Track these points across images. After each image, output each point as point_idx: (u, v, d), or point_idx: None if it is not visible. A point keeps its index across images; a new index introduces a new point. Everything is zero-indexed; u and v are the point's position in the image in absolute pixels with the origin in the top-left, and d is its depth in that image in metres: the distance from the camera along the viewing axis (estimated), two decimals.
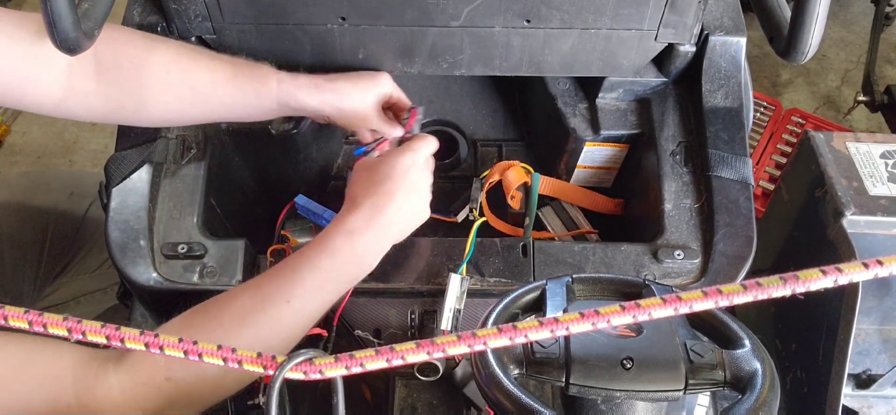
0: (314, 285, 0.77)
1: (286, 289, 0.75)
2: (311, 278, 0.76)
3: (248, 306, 0.74)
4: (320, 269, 0.77)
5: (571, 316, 0.39)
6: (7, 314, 0.38)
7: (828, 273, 0.36)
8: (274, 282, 0.76)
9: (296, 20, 0.97)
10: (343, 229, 0.80)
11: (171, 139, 1.01)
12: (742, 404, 0.57)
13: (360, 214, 0.81)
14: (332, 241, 0.79)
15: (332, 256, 0.78)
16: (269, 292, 0.75)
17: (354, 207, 0.81)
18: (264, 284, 0.76)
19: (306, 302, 0.76)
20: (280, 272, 0.77)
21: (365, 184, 0.84)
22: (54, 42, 0.68)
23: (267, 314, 0.74)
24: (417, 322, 0.93)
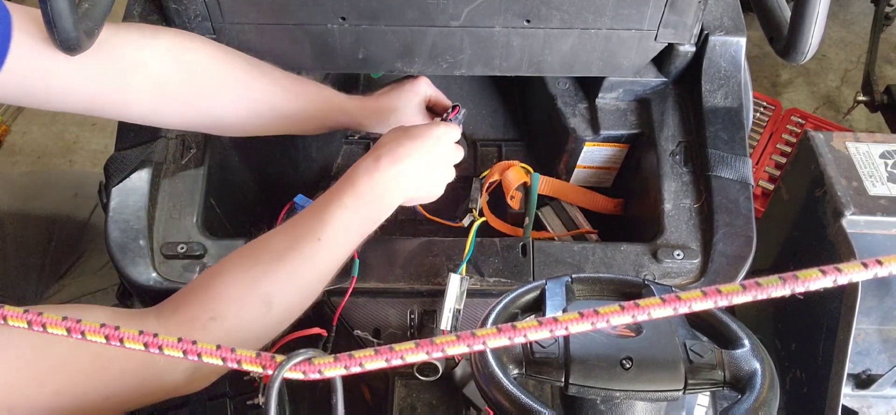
0: (341, 223, 0.82)
1: (317, 227, 0.80)
2: (339, 215, 0.81)
3: (282, 246, 0.79)
4: (345, 206, 0.82)
5: (571, 316, 0.39)
6: (6, 314, 0.38)
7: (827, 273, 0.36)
8: (304, 222, 0.82)
9: (296, 20, 0.97)
10: (364, 167, 0.86)
11: (171, 139, 1.01)
12: (741, 404, 0.57)
13: (381, 156, 0.86)
14: (354, 179, 0.85)
15: (355, 192, 0.83)
16: (300, 232, 0.80)
17: (377, 149, 0.87)
18: (296, 225, 0.82)
19: (335, 238, 0.81)
20: (310, 213, 0.83)
21: (394, 135, 0.90)
22: (54, 42, 0.69)
23: (300, 251, 0.79)
24: (417, 322, 0.93)
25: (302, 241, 0.79)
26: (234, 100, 0.94)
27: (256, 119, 0.97)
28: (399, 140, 0.89)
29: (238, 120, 0.96)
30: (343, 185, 0.85)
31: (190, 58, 0.90)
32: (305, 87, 1.00)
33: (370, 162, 0.86)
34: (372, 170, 0.85)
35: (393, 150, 0.87)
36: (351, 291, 0.91)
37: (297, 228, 0.81)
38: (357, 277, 0.91)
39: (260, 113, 0.97)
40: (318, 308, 0.93)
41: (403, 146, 0.87)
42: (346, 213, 0.82)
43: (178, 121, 0.94)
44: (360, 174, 0.85)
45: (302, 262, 0.79)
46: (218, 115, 0.95)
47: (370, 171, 0.85)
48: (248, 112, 0.96)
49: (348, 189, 0.84)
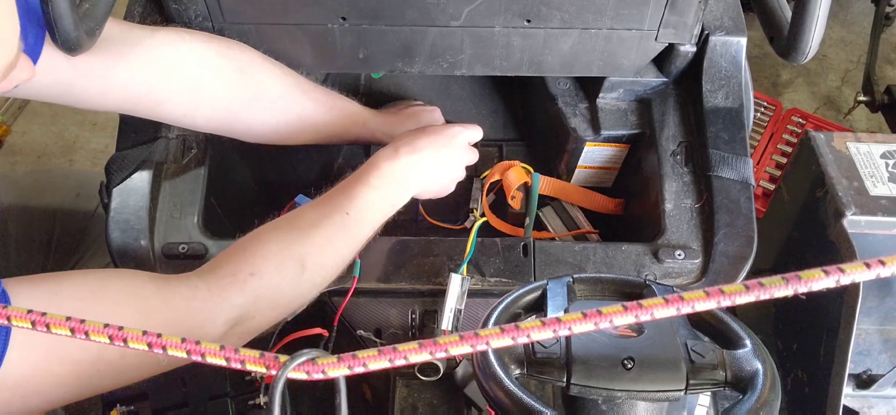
0: (367, 200, 0.88)
1: (345, 203, 0.87)
2: (365, 194, 0.88)
3: (315, 217, 0.85)
4: (371, 185, 0.89)
5: (574, 316, 0.39)
6: (10, 314, 0.38)
7: (830, 273, 0.36)
8: (334, 199, 0.88)
9: (296, 20, 0.97)
10: (385, 155, 0.93)
11: (171, 139, 1.01)
12: (743, 405, 0.57)
13: (400, 147, 0.94)
14: (378, 163, 0.92)
15: (379, 174, 0.91)
16: (331, 206, 0.87)
17: (396, 142, 0.96)
18: (325, 202, 0.88)
19: (363, 214, 0.88)
20: (338, 191, 0.90)
21: (413, 131, 0.99)
22: (55, 42, 0.69)
23: (332, 221, 0.85)
24: (418, 322, 0.93)
25: (333, 213, 0.86)
26: (268, 109, 0.97)
27: (286, 128, 1.00)
28: (417, 135, 0.97)
29: (268, 129, 0.99)
30: (367, 168, 0.92)
31: (227, 64, 0.92)
32: (333, 101, 1.04)
33: (390, 151, 0.94)
34: (393, 157, 0.93)
35: (411, 142, 0.95)
36: (352, 291, 0.91)
37: (328, 204, 0.88)
38: (358, 278, 0.91)
39: (290, 123, 0.99)
40: (320, 308, 0.93)
41: (421, 140, 0.96)
42: (371, 192, 0.89)
43: (210, 124, 0.96)
44: (382, 160, 0.92)
45: (334, 231, 0.85)
46: (250, 122, 0.97)
47: (391, 158, 0.93)
48: (279, 122, 0.98)
49: (373, 171, 0.91)
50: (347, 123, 1.06)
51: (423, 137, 0.97)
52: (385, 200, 0.91)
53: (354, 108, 1.07)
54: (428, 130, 0.99)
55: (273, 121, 0.98)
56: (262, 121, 0.98)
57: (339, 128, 1.05)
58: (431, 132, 0.98)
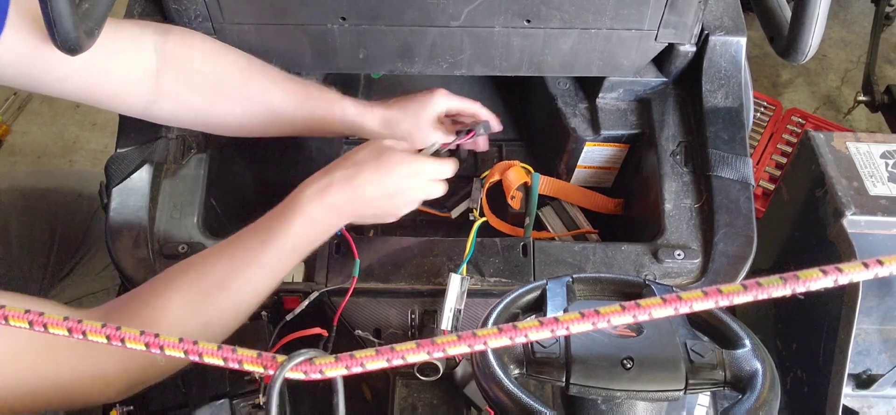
0: (284, 248, 0.81)
1: (259, 254, 0.80)
2: (283, 241, 0.81)
3: (224, 272, 0.79)
4: (290, 232, 0.81)
5: (572, 316, 0.39)
6: (7, 314, 0.38)
7: (828, 273, 0.36)
8: (248, 244, 0.81)
9: (296, 20, 0.97)
10: (313, 191, 0.83)
11: (171, 139, 1.01)
12: (742, 404, 0.57)
13: (333, 182, 0.84)
14: (301, 203, 0.83)
15: (303, 218, 0.82)
16: (243, 256, 0.80)
17: (331, 171, 0.85)
18: (239, 246, 0.81)
19: (278, 262, 0.81)
20: (254, 234, 0.82)
21: (363, 155, 0.87)
22: (55, 42, 0.69)
23: (243, 277, 0.79)
24: (417, 322, 0.93)
25: (245, 267, 0.80)
26: (230, 100, 0.94)
27: (252, 120, 0.96)
28: (362, 165, 0.85)
29: (234, 120, 0.96)
30: (290, 208, 0.83)
31: (187, 54, 0.90)
32: (306, 90, 0.98)
33: (322, 185, 0.84)
34: (322, 194, 0.83)
35: (350, 176, 0.84)
36: (352, 291, 0.91)
37: (241, 251, 0.81)
38: (357, 278, 0.91)
39: (256, 114, 0.96)
40: (319, 308, 0.93)
41: (364, 174, 0.84)
42: (291, 239, 0.81)
43: (172, 117, 0.94)
44: (307, 199, 0.83)
45: (243, 288, 0.79)
46: (213, 114, 0.94)
47: (320, 196, 0.83)
48: (244, 112, 0.95)
49: (295, 215, 0.82)
50: (323, 114, 0.99)
51: (369, 169, 0.85)
52: (307, 242, 0.84)
53: (331, 98, 1.00)
54: (382, 161, 0.86)
55: (239, 111, 0.95)
56: (227, 111, 0.94)
57: (314, 120, 0.99)
58: (384, 165, 0.85)
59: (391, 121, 1.02)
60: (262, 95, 0.95)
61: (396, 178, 0.86)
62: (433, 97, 1.04)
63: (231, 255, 0.81)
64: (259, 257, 0.80)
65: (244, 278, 0.79)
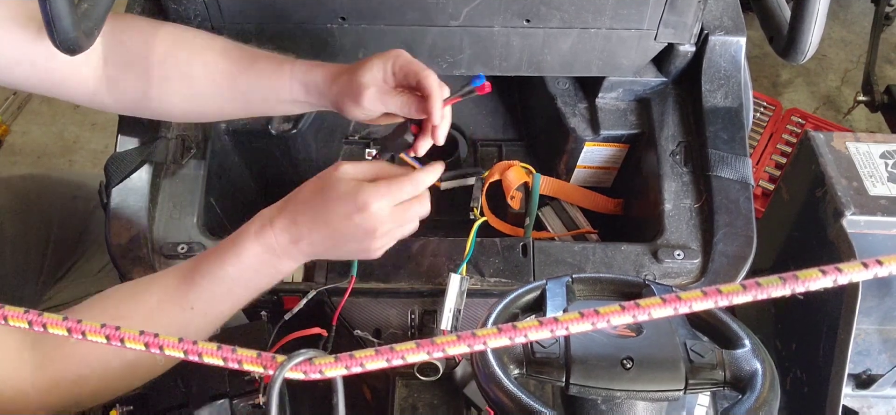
0: (218, 293, 0.74)
1: (189, 295, 0.73)
2: (216, 286, 0.74)
3: (148, 309, 0.74)
4: (226, 276, 0.73)
5: (571, 316, 0.39)
6: (7, 314, 0.38)
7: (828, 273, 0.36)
8: (179, 282, 0.74)
9: (296, 20, 0.97)
10: (254, 233, 0.74)
11: (171, 139, 1.01)
12: (742, 404, 0.57)
13: (288, 207, 0.75)
14: (243, 246, 0.74)
15: (240, 263, 0.74)
16: (172, 295, 0.74)
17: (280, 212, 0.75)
18: (170, 289, 0.74)
19: (210, 306, 0.74)
20: (187, 272, 0.75)
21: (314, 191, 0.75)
22: (54, 42, 0.68)
23: (169, 318, 0.73)
24: (417, 322, 0.93)
25: (172, 307, 0.73)
26: (173, 80, 0.87)
27: (200, 99, 0.89)
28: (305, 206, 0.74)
29: (180, 100, 0.89)
30: (229, 246, 0.74)
31: (127, 39, 0.85)
32: (253, 56, 0.88)
33: (262, 223, 0.75)
34: (261, 235, 0.74)
35: (292, 216, 0.74)
36: (350, 291, 0.91)
37: (171, 291, 0.74)
38: (357, 278, 0.91)
39: (202, 93, 0.88)
40: (319, 308, 0.93)
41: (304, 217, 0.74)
42: (226, 282, 0.74)
43: (117, 103, 0.89)
44: (248, 238, 0.74)
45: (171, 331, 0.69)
46: (156, 97, 0.88)
47: (259, 236, 0.74)
48: (191, 93, 0.88)
49: (232, 256, 0.73)
50: (271, 76, 0.87)
51: (311, 208, 0.74)
52: (248, 288, 0.75)
53: (280, 59, 0.88)
54: (325, 195, 0.73)
55: (185, 91, 0.87)
56: (172, 92, 0.87)
57: (263, 86, 0.87)
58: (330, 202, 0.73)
59: (338, 77, 0.86)
60: (204, 71, 0.87)
61: (340, 216, 0.73)
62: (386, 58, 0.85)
63: (161, 290, 0.75)
64: (189, 299, 0.73)
65: (171, 319, 0.73)
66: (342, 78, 0.85)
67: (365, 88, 0.82)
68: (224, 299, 0.75)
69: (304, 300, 0.91)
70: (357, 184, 0.73)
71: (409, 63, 0.83)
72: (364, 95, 0.82)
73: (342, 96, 0.84)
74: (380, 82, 0.83)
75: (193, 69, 0.87)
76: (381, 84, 0.83)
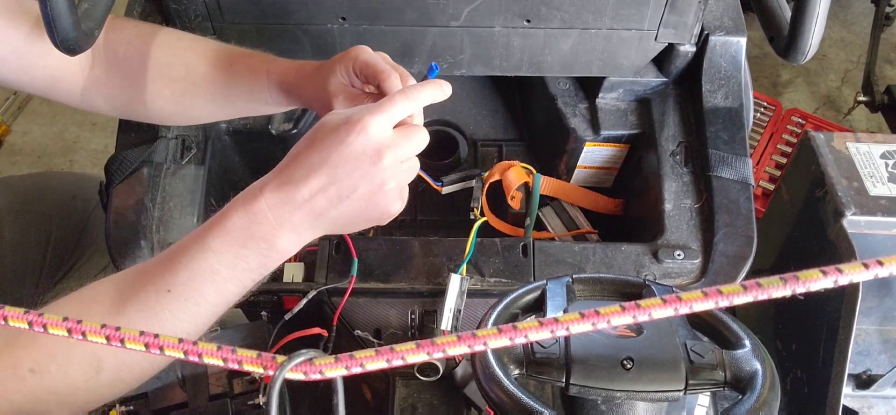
0: (200, 271, 0.63)
1: (165, 275, 0.63)
2: (197, 261, 0.63)
3: (121, 296, 0.64)
4: (207, 248, 0.62)
5: (572, 316, 0.39)
6: (7, 314, 0.38)
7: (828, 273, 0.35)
8: (157, 267, 0.64)
9: (296, 20, 0.97)
10: (241, 199, 0.64)
11: (171, 139, 1.01)
12: (742, 405, 0.57)
13: (267, 183, 0.64)
14: (229, 210, 0.64)
15: (223, 232, 0.63)
16: (147, 281, 0.64)
17: (276, 183, 0.64)
18: (146, 271, 0.65)
19: (191, 289, 0.63)
20: (164, 257, 0.65)
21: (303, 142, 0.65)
22: (54, 42, 0.68)
23: (144, 306, 0.62)
24: (417, 322, 0.93)
25: (147, 292, 0.62)
26: (155, 83, 0.85)
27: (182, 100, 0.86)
28: (296, 157, 0.64)
29: (163, 102, 0.86)
30: (212, 223, 0.64)
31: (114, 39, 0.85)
32: (231, 54, 0.85)
33: (254, 191, 0.64)
34: (250, 202, 0.63)
35: (289, 173, 0.63)
36: (350, 291, 0.91)
37: (148, 275, 0.64)
38: (357, 277, 0.91)
39: (184, 92, 0.85)
40: (319, 308, 0.93)
41: (305, 164, 0.63)
42: (208, 261, 0.62)
43: (105, 105, 0.88)
44: (232, 211, 0.63)
45: (144, 319, 0.62)
46: (140, 100, 0.86)
47: (247, 204, 0.63)
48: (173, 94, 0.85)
49: (216, 229, 0.63)
50: (250, 75, 0.83)
51: (309, 153, 0.63)
52: (234, 267, 0.63)
53: (259, 56, 0.85)
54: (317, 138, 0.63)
55: (167, 93, 0.85)
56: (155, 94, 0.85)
57: (243, 84, 0.84)
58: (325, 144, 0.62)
59: (312, 79, 0.80)
60: (186, 72, 0.84)
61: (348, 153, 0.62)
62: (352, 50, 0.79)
63: (134, 277, 0.65)
64: (165, 280, 0.63)
65: (145, 309, 0.62)
66: (315, 81, 0.80)
67: (333, 97, 0.77)
68: (205, 280, 0.63)
69: (304, 300, 0.91)
70: (349, 112, 0.64)
71: (367, 64, 0.76)
72: (334, 104, 0.77)
73: (315, 102, 0.81)
74: (346, 88, 0.78)
75: (175, 71, 0.86)
76: (348, 89, 0.78)
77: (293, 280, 0.93)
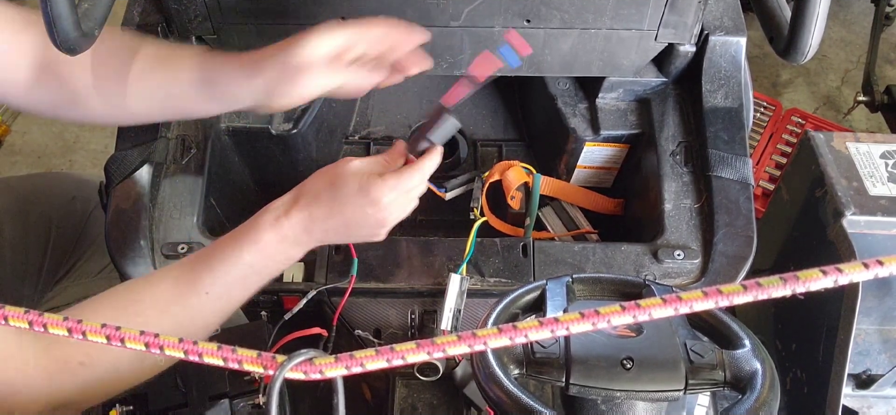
0: (234, 276, 0.75)
1: (206, 280, 0.74)
2: (233, 270, 0.75)
3: (166, 297, 0.74)
4: (241, 260, 0.75)
5: (572, 316, 0.39)
6: (7, 314, 0.38)
7: (828, 273, 0.36)
8: (194, 269, 0.75)
9: (296, 20, 0.97)
10: (271, 220, 0.76)
11: (171, 139, 1.01)
12: (742, 405, 0.57)
13: (302, 195, 0.77)
14: (259, 230, 0.76)
15: (257, 247, 0.75)
16: (188, 282, 0.75)
17: (295, 199, 0.77)
18: (185, 272, 0.76)
19: (226, 292, 0.75)
20: (202, 259, 0.76)
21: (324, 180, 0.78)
22: (54, 42, 0.68)
23: (185, 305, 0.74)
24: (417, 322, 0.93)
25: (189, 294, 0.74)
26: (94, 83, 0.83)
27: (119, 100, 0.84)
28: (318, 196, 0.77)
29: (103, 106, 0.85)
30: (245, 234, 0.76)
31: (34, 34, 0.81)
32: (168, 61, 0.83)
33: (278, 214, 0.76)
34: (278, 224, 0.76)
35: (308, 205, 0.76)
36: (350, 291, 0.91)
37: (186, 276, 0.75)
38: (357, 277, 0.91)
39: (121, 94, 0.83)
40: (319, 308, 0.93)
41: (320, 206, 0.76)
42: (241, 268, 0.75)
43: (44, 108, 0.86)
44: (265, 227, 0.76)
45: (186, 316, 0.74)
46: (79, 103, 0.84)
47: (276, 225, 0.76)
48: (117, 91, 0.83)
49: (249, 243, 0.75)
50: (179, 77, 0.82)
51: (324, 199, 0.76)
52: (262, 274, 0.77)
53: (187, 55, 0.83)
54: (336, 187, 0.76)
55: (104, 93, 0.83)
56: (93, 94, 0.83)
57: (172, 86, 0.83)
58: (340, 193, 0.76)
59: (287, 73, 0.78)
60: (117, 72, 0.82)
61: (354, 208, 0.76)
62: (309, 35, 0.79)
63: (176, 279, 0.75)
64: (205, 283, 0.74)
65: (187, 307, 0.74)
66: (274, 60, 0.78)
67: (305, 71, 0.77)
68: (238, 285, 0.76)
69: (304, 300, 0.91)
70: (367, 179, 0.76)
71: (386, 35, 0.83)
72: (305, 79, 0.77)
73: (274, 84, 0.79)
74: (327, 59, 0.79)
75: (108, 71, 0.83)
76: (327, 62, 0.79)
77: (293, 280, 0.93)
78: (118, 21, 0.99)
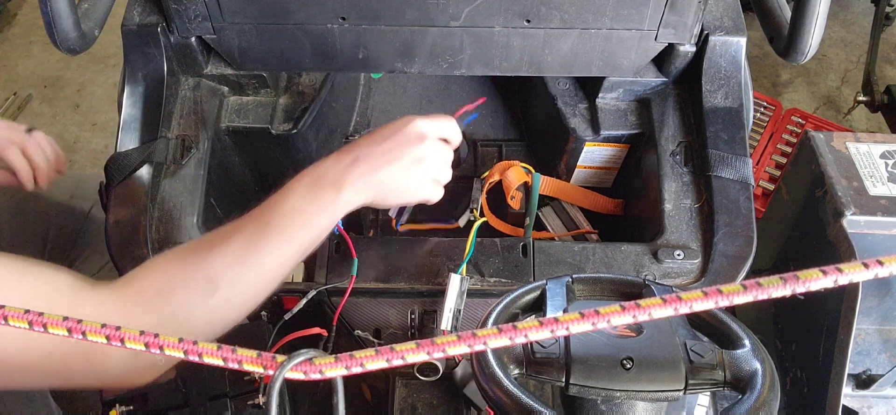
0: (289, 206, 0.78)
1: (263, 212, 0.78)
2: (286, 199, 0.78)
3: (227, 231, 0.77)
4: (294, 191, 0.79)
5: (571, 316, 0.39)
6: (7, 314, 0.38)
7: (828, 273, 0.35)
8: (253, 211, 0.79)
9: (296, 20, 0.97)
10: (332, 157, 0.81)
11: (171, 139, 1.01)
12: (742, 404, 0.57)
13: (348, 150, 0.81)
14: (319, 165, 0.80)
15: (314, 178, 0.79)
16: (247, 219, 0.78)
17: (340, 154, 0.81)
18: (245, 216, 0.79)
19: (282, 220, 0.78)
20: (269, 211, 0.79)
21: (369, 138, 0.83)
22: (54, 42, 0.69)
23: (245, 234, 0.76)
24: (417, 322, 0.93)
25: (247, 225, 0.77)
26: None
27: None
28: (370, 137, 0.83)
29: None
30: (304, 172, 0.80)
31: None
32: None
33: (340, 154, 0.81)
34: (328, 159, 0.80)
35: (357, 142, 0.82)
36: (350, 290, 0.91)
37: (247, 216, 0.79)
38: (357, 277, 0.91)
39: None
40: (319, 308, 0.93)
41: (366, 138, 0.83)
42: (294, 198, 0.78)
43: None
44: (326, 161, 0.80)
45: (246, 244, 0.75)
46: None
47: (325, 160, 0.80)
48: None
49: (303, 175, 0.80)
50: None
51: (376, 133, 0.83)
52: (313, 205, 0.78)
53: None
54: (389, 126, 0.83)
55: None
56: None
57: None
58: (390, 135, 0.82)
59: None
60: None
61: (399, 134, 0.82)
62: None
63: (237, 220, 0.79)
64: (264, 215, 0.78)
65: (246, 237, 0.76)
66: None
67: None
68: (294, 215, 0.78)
69: (304, 300, 0.91)
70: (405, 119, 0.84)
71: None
72: None
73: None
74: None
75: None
76: None
77: (293, 280, 0.93)
78: (118, 21, 0.99)
